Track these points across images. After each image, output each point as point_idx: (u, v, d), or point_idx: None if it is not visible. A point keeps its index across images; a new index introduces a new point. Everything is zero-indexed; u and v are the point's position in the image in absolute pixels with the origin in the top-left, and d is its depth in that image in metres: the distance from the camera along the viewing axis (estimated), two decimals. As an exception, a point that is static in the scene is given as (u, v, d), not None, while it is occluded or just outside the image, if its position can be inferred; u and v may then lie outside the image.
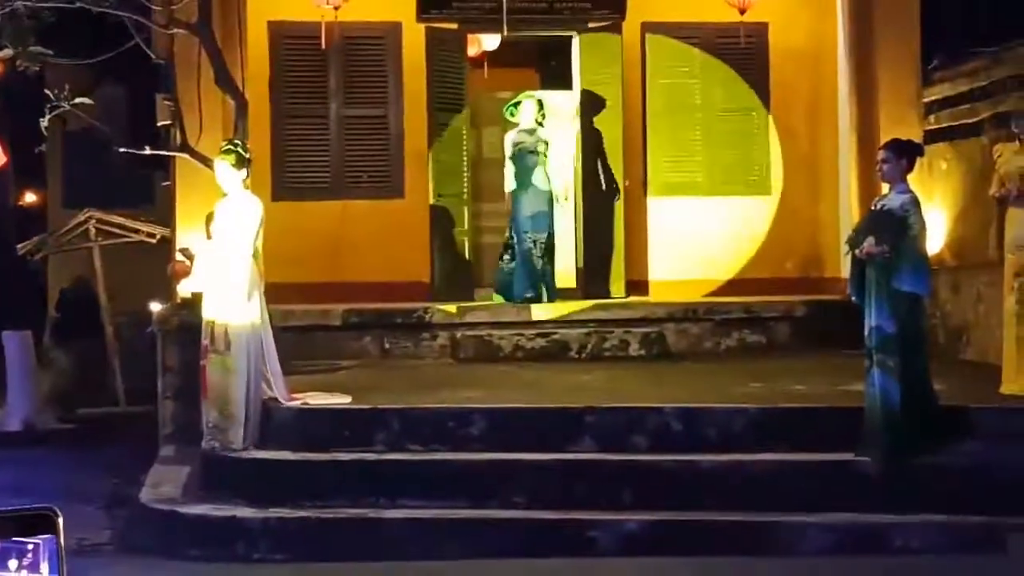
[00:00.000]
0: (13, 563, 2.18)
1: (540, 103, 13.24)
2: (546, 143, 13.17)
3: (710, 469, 8.57)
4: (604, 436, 8.88)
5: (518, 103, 13.22)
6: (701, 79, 14.65)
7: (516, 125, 13.24)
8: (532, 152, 13.03)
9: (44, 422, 14.31)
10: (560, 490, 8.52)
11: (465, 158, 14.16)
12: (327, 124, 14.31)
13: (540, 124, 13.19)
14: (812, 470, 8.53)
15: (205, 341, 9.22)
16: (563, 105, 14.19)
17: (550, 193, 13.09)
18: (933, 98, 12.90)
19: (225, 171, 9.31)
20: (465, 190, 14.09)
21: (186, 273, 10.88)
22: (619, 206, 13.90)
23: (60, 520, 2.19)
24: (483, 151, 14.71)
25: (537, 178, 13.03)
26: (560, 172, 13.55)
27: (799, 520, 8.27)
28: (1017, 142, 9.57)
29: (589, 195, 13.86)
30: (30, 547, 2.18)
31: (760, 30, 14.44)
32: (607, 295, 13.48)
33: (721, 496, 8.42)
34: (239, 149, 9.50)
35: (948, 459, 8.44)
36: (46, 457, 12.17)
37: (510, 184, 13.19)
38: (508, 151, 13.21)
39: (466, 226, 14.10)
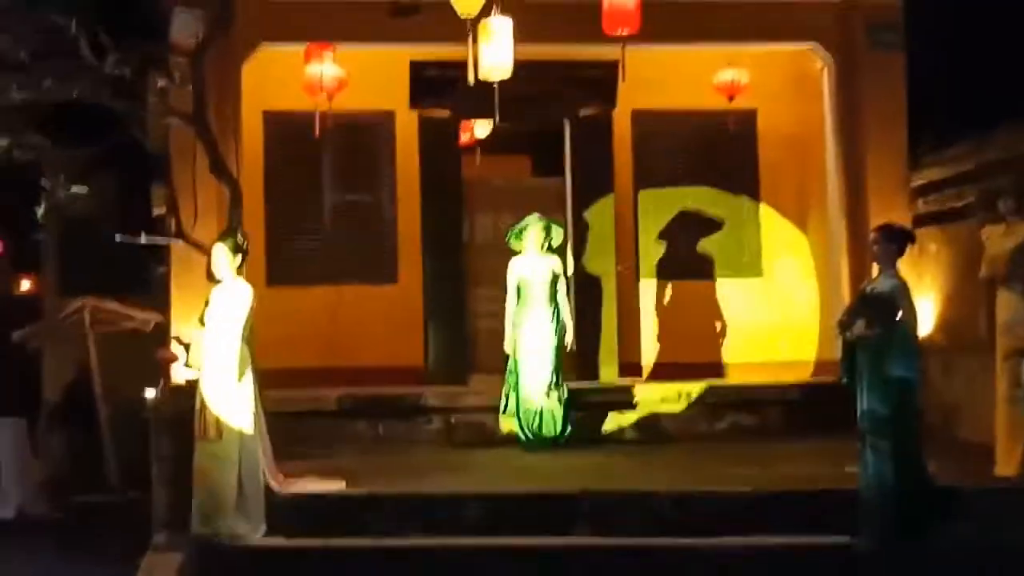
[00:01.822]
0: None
1: (548, 227, 12.05)
2: (555, 274, 11.93)
3: (704, 553, 8.55)
4: (598, 520, 8.87)
5: (524, 228, 12.06)
6: (691, 164, 14.79)
7: (520, 252, 12.12)
8: (538, 284, 11.88)
9: (38, 510, 14.23)
10: (555, 575, 8.49)
11: (458, 244, 14.26)
12: (321, 210, 14.44)
13: (549, 250, 12.04)
14: (807, 553, 8.52)
15: (196, 429, 9.21)
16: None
17: (559, 333, 11.84)
18: (921, 182, 13.02)
19: (221, 257, 9.38)
20: (459, 275, 14.17)
21: (174, 360, 10.89)
22: (611, 289, 13.97)
23: None
24: (476, 237, 14.80)
25: (542, 315, 11.82)
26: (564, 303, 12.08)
27: (795, 604, 8.25)
28: (1004, 224, 9.66)
29: (581, 280, 13.93)
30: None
31: (749, 116, 14.64)
32: (598, 377, 13.51)
33: (716, 580, 8.40)
34: (236, 236, 9.61)
35: (944, 541, 8.43)
36: (40, 545, 12.10)
37: (511, 325, 11.93)
38: (510, 283, 11.97)
39: (460, 311, 14.16)
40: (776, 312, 14.58)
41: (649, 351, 14.33)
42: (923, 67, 13.26)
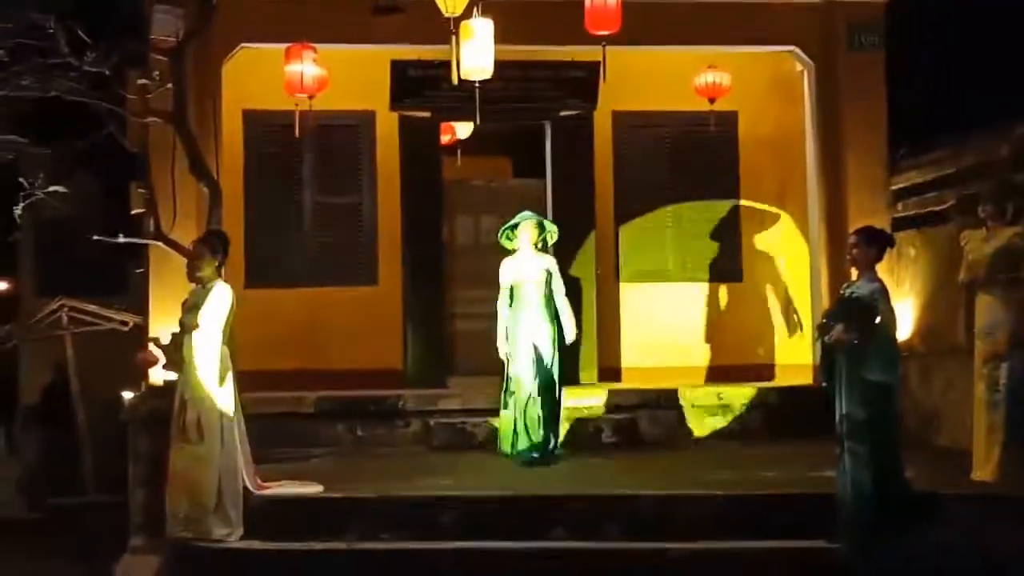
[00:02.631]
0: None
1: (541, 224, 11.29)
2: (549, 273, 11.11)
3: (681, 557, 8.54)
4: (577, 524, 8.86)
5: (515, 225, 11.23)
6: (672, 167, 14.80)
7: (513, 251, 11.28)
8: (532, 284, 11.06)
9: (15, 512, 14.19)
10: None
11: (438, 245, 14.24)
12: (301, 211, 14.40)
13: (543, 250, 11.29)
14: (785, 558, 8.52)
15: (174, 430, 9.17)
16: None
17: (554, 337, 11.02)
18: (901, 186, 13.04)
19: (201, 258, 9.35)
20: (439, 277, 14.15)
21: (153, 363, 10.86)
22: (590, 293, 13.96)
23: None
24: (456, 238, 14.78)
25: (536, 319, 10.98)
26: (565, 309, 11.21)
27: (772, 608, 8.25)
28: (984, 229, 9.67)
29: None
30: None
31: (730, 119, 14.65)
32: (578, 382, 13.49)
33: (694, 584, 8.39)
34: (216, 236, 9.59)
35: (921, 546, 8.44)
36: (16, 547, 12.06)
37: (504, 329, 11.13)
38: (503, 285, 11.18)
39: (440, 313, 14.14)
40: (756, 316, 14.58)
41: (628, 355, 14.30)
42: (903, 71, 13.29)
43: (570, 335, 11.09)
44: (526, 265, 11.07)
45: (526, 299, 10.98)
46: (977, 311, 9.65)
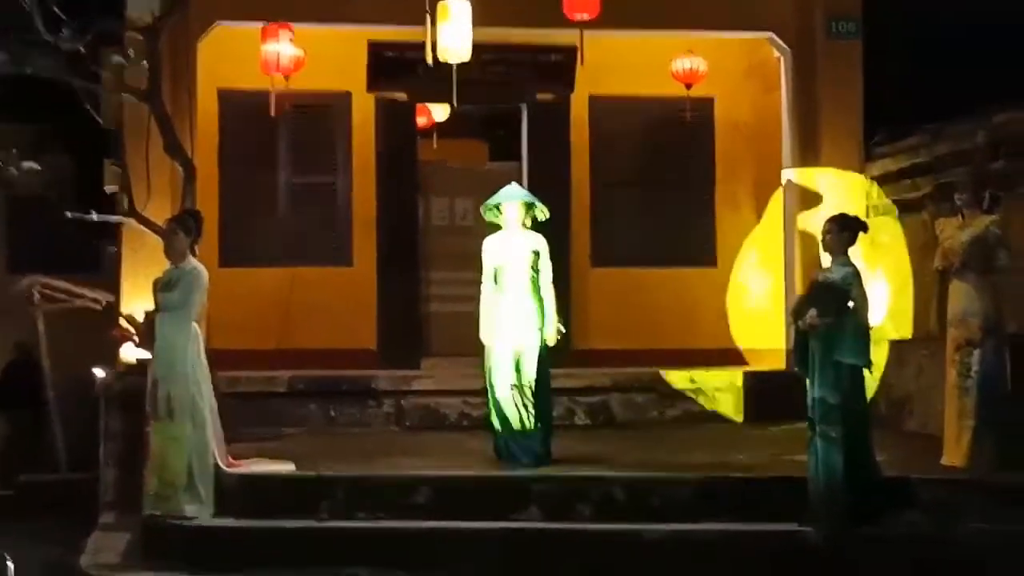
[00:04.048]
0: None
1: (530, 204, 9.91)
2: (537, 254, 9.82)
3: (654, 539, 8.57)
4: (549, 505, 8.88)
5: (500, 203, 9.91)
6: (648, 152, 14.81)
7: (498, 228, 10.01)
8: (518, 266, 9.77)
9: (-16, 488, 14.14)
10: (505, 559, 8.49)
11: (413, 227, 14.22)
12: (276, 191, 14.36)
13: (534, 226, 9.95)
14: (756, 540, 8.56)
15: (148, 408, 9.16)
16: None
17: (542, 325, 9.78)
18: (875, 173, 13.08)
19: (175, 237, 9.32)
20: (413, 258, 14.13)
21: (127, 340, 10.83)
22: (564, 276, 13.94)
23: (11, 565, 2.19)
24: (432, 220, 14.76)
25: (522, 304, 9.73)
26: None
27: (743, 590, 8.28)
28: (959, 216, 9.71)
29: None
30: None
31: (706, 104, 14.68)
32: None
33: (665, 566, 8.41)
34: (190, 215, 9.58)
35: (890, 529, 8.50)
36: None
37: (488, 311, 9.83)
38: (486, 265, 9.88)
39: (414, 294, 14.13)
40: (730, 300, 14.61)
41: (602, 338, 14.31)
42: (880, 59, 13.32)
43: (550, 332, 9.80)
44: (512, 244, 9.79)
45: (510, 282, 9.72)
46: (950, 298, 9.68)
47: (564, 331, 10.08)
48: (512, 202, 9.83)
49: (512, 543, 8.62)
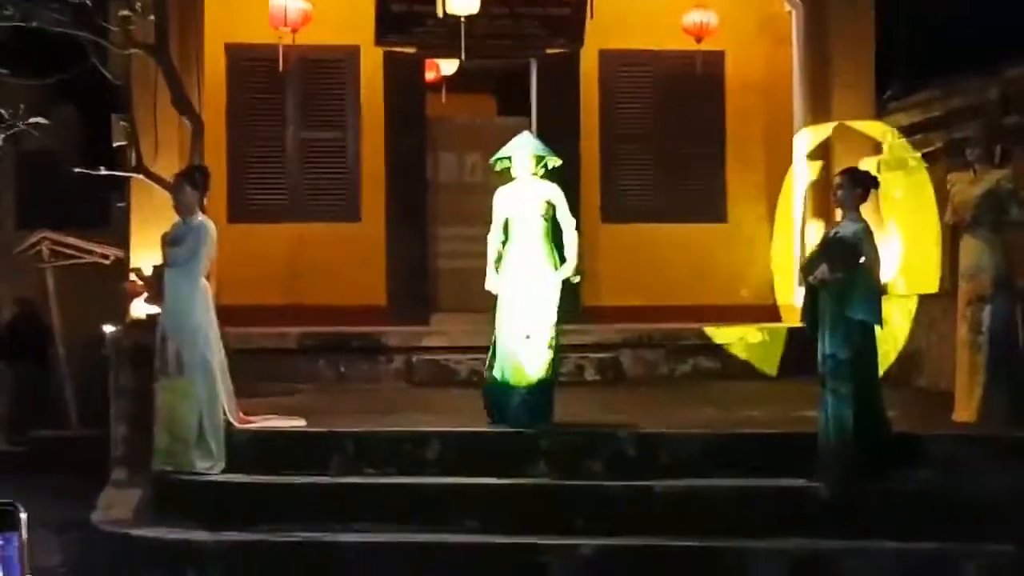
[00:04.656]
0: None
1: (536, 147, 9.54)
2: (550, 204, 9.39)
3: (664, 494, 8.57)
4: (558, 461, 8.87)
5: (509, 155, 9.50)
6: (658, 107, 14.73)
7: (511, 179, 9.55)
8: (530, 217, 9.36)
9: (-5, 444, 14.18)
10: (514, 515, 8.50)
11: (422, 182, 14.18)
12: (284, 147, 14.31)
13: (546, 175, 9.51)
14: (766, 496, 8.55)
15: (157, 364, 9.15)
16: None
17: (555, 267, 9.34)
18: (888, 128, 13.00)
19: (182, 192, 9.28)
20: (422, 214, 14.10)
21: (138, 294, 10.81)
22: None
23: (23, 516, 2.17)
24: (440, 175, 14.71)
25: (534, 255, 9.31)
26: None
27: (753, 546, 8.27)
28: (971, 171, 9.66)
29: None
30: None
31: (717, 59, 14.58)
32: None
33: (675, 521, 8.41)
34: (197, 170, 9.54)
35: (901, 486, 8.48)
36: (-4, 479, 12.03)
37: (493, 263, 9.43)
38: (496, 217, 9.49)
39: (423, 250, 14.10)
40: (740, 257, 14.56)
41: (612, 294, 14.30)
42: (893, 12, 13.21)
43: (569, 269, 9.33)
44: (523, 195, 9.39)
45: (522, 234, 9.34)
46: (962, 253, 9.64)
47: (580, 278, 9.63)
48: (521, 155, 9.46)
49: (521, 499, 8.62)
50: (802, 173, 13.43)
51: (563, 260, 9.34)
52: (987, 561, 8.02)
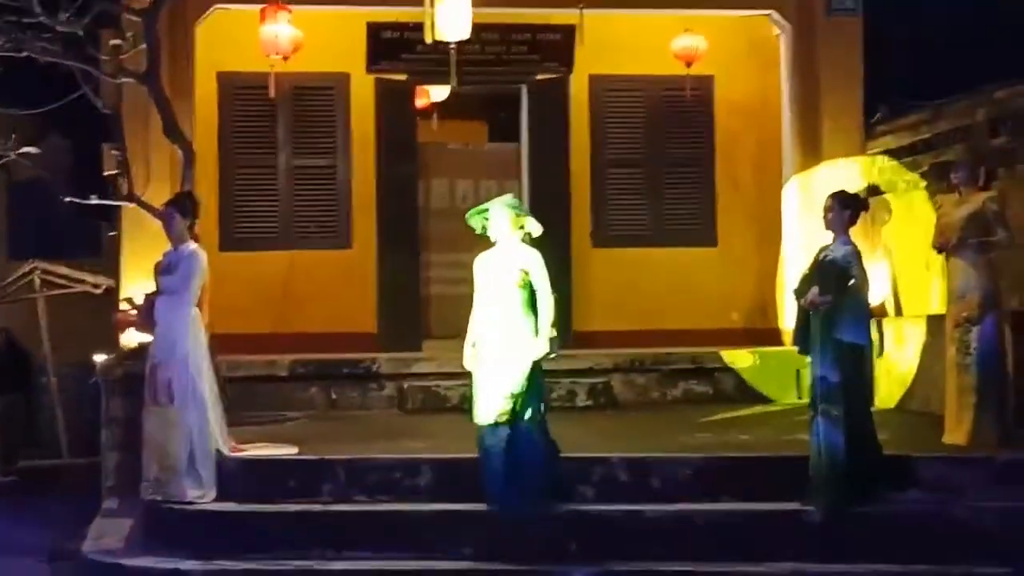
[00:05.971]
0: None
1: (515, 208, 8.79)
2: (524, 271, 8.58)
3: (656, 519, 8.57)
4: (552, 486, 8.85)
5: (485, 210, 8.79)
6: (648, 131, 14.77)
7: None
8: (503, 288, 8.59)
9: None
10: (506, 541, 8.48)
11: (413, 209, 14.19)
12: (275, 174, 14.32)
13: (522, 239, 8.74)
14: (758, 519, 8.54)
15: (147, 392, 9.14)
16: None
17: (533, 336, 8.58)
18: (876, 150, 13.05)
19: (172, 220, 9.30)
20: (413, 240, 14.11)
21: (130, 323, 10.81)
22: (565, 257, 13.93)
23: None
24: (431, 201, 14.73)
25: (506, 333, 8.54)
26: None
27: (745, 570, 8.27)
28: (957, 193, 9.69)
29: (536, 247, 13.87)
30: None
31: (706, 83, 14.63)
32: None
33: (667, 546, 8.40)
34: (186, 197, 9.56)
35: (892, 508, 8.49)
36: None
37: (471, 336, 8.76)
38: (476, 284, 8.79)
39: (414, 277, 14.11)
40: (730, 280, 14.57)
41: (603, 319, 14.30)
42: (881, 36, 13.28)
43: (540, 345, 8.58)
44: (499, 263, 8.69)
45: (495, 306, 8.62)
46: (948, 275, 9.68)
47: (554, 355, 8.80)
48: (497, 209, 8.70)
49: (513, 524, 8.60)
50: (791, 195, 13.45)
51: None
52: (979, 583, 8.03)
